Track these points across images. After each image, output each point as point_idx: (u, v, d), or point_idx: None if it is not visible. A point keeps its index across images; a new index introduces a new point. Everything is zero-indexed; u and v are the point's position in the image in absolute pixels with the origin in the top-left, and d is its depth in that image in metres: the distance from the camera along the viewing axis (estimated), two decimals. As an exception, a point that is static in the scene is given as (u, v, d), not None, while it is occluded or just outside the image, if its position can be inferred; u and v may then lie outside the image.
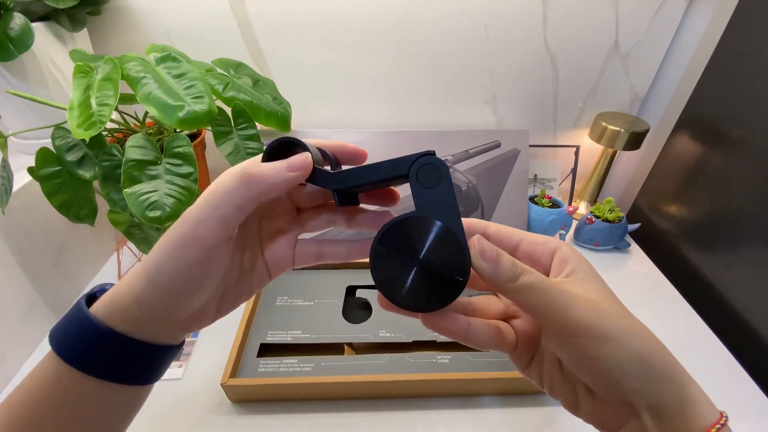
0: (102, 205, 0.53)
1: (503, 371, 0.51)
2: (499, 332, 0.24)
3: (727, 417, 0.21)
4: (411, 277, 0.21)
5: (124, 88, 0.48)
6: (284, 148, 0.23)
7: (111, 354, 0.21)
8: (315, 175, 0.23)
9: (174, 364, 0.55)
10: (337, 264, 0.67)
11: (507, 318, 0.26)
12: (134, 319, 0.21)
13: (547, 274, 0.23)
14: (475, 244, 0.21)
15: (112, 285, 0.23)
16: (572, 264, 0.23)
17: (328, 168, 0.24)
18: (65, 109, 0.46)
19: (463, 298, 0.23)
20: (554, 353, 0.23)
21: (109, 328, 0.21)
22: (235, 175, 0.21)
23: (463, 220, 0.23)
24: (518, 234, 0.24)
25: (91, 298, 0.23)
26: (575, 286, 0.22)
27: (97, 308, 0.22)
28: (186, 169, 0.49)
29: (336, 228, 0.27)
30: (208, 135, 0.64)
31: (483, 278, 0.21)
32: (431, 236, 0.21)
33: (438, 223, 0.21)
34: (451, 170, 0.75)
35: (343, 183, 0.23)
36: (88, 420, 0.22)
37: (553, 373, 0.24)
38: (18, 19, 0.50)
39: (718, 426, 0.20)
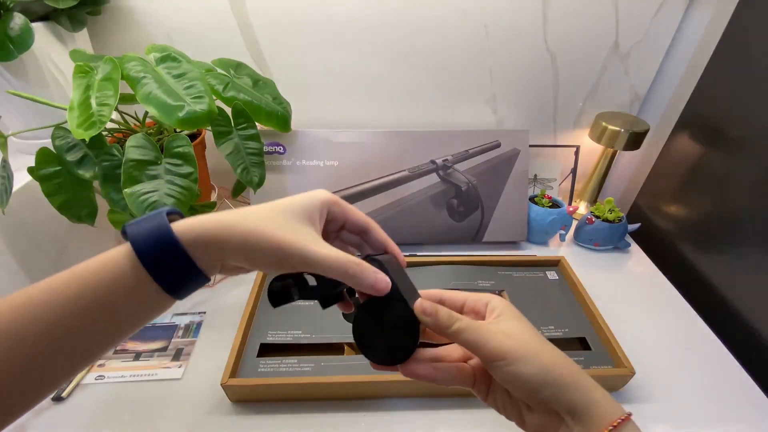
0: (102, 205, 0.53)
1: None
2: (459, 371, 0.31)
3: (630, 414, 0.27)
4: (383, 342, 0.29)
5: (124, 88, 0.48)
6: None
7: (180, 272, 0.25)
8: (304, 292, 0.30)
9: (174, 364, 0.56)
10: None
11: (465, 360, 0.32)
12: (207, 255, 0.26)
13: (484, 319, 0.30)
14: (417, 305, 0.29)
15: (177, 211, 0.28)
16: (498, 310, 0.30)
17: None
18: (65, 109, 0.46)
19: (430, 350, 0.31)
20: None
21: (189, 257, 0.25)
22: (350, 269, 0.27)
23: (423, 291, 0.31)
24: (463, 295, 0.32)
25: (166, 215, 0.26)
26: (497, 325, 0.29)
27: (182, 233, 0.25)
28: (186, 169, 0.49)
29: None
30: (208, 135, 0.64)
31: (429, 327, 0.29)
32: (388, 310, 0.29)
33: (390, 299, 0.29)
34: (450, 170, 0.75)
35: (323, 292, 0.31)
36: (134, 317, 0.26)
37: (504, 399, 0.30)
38: (18, 19, 0.50)
39: (618, 421, 0.26)
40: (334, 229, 0.32)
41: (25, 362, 0.23)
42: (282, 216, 0.28)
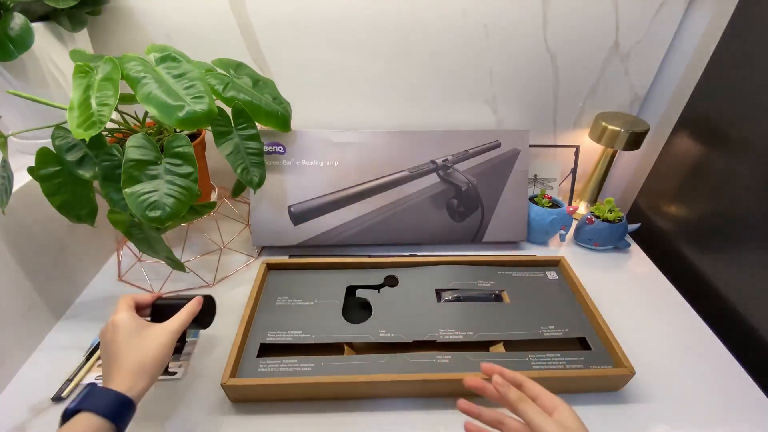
0: (102, 205, 0.53)
1: (503, 371, 0.51)
2: None
3: None
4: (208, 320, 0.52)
5: (124, 88, 0.48)
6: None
7: (131, 413, 0.39)
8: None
9: (174, 364, 0.55)
10: (337, 264, 0.67)
11: None
12: (141, 397, 0.40)
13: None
14: (494, 379, 0.39)
15: (95, 385, 0.41)
16: (565, 413, 0.37)
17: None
18: (65, 109, 0.46)
19: (499, 414, 0.40)
20: None
21: (135, 405, 0.40)
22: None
23: (512, 372, 0.40)
24: (538, 389, 0.39)
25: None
26: (556, 417, 0.36)
27: (130, 393, 0.39)
28: (186, 169, 0.49)
29: None
30: (208, 135, 0.64)
31: (501, 395, 0.38)
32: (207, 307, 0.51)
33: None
34: (450, 170, 0.75)
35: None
36: None
37: None
38: (18, 19, 0.50)
39: None
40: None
41: None
42: (144, 342, 0.43)
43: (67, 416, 0.37)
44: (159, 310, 0.50)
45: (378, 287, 0.64)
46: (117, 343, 0.42)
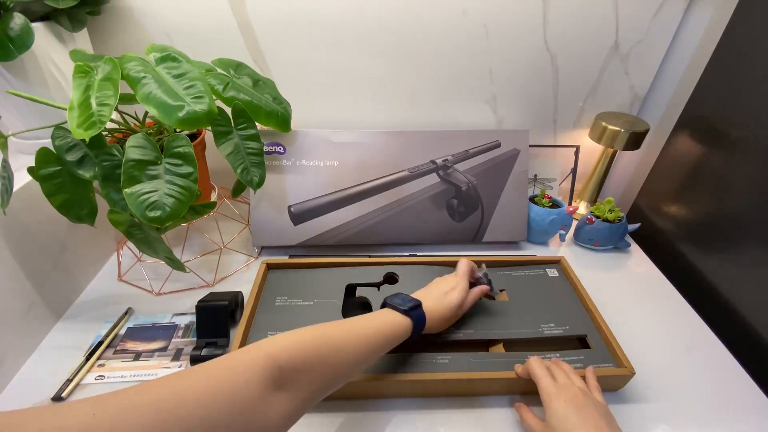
0: (102, 205, 0.53)
1: (503, 371, 0.51)
2: None
3: None
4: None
5: (124, 88, 0.48)
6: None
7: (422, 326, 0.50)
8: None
9: (174, 364, 0.56)
10: (337, 263, 0.67)
11: None
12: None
13: None
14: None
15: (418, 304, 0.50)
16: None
17: None
18: (65, 109, 0.46)
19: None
20: None
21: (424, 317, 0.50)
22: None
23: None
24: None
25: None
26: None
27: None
28: (186, 169, 0.49)
29: None
30: (208, 135, 0.64)
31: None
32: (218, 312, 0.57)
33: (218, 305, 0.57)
34: (451, 170, 0.75)
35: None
36: (389, 348, 0.46)
37: None
38: (18, 19, 0.50)
39: None
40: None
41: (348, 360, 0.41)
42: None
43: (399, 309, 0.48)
44: (202, 314, 0.55)
45: (378, 285, 0.64)
46: (442, 296, 0.54)
